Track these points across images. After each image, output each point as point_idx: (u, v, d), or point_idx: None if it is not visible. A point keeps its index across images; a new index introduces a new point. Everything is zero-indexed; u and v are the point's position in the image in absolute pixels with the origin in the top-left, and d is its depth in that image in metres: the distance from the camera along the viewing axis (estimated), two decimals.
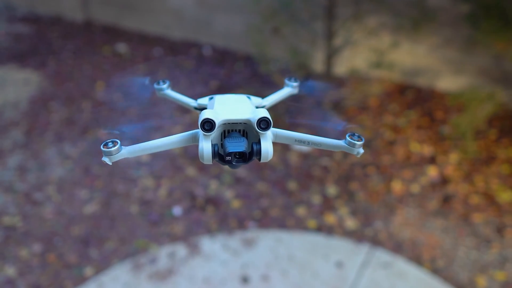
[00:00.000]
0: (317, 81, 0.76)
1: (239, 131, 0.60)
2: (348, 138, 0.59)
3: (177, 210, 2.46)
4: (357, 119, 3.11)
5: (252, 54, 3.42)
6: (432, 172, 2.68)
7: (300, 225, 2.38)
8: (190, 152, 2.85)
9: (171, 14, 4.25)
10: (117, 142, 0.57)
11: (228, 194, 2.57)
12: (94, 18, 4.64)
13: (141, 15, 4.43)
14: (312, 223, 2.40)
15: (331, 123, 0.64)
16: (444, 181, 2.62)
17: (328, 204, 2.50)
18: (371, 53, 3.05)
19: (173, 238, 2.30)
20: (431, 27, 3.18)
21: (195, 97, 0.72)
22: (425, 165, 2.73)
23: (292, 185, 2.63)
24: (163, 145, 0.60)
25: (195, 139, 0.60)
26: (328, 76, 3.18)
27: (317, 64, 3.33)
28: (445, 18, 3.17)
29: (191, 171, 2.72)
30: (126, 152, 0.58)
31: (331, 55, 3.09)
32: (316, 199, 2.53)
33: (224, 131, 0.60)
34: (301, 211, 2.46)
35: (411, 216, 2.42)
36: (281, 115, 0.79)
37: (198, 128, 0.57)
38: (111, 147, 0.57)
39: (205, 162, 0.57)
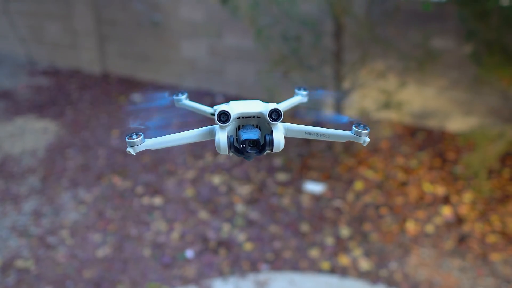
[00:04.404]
0: (326, 91, 0.83)
1: (253, 125, 0.64)
2: (354, 128, 0.63)
3: (189, 253, 2.45)
4: (368, 161, 3.11)
5: (264, 100, 3.50)
6: (446, 212, 2.64)
7: (313, 267, 2.35)
8: (202, 196, 2.86)
9: (184, 64, 4.41)
10: (141, 134, 0.63)
11: (241, 236, 2.56)
12: (111, 70, 4.83)
13: (155, 66, 4.60)
14: (325, 264, 2.36)
15: (335, 117, 0.69)
16: (459, 220, 2.58)
17: (341, 246, 2.47)
18: (380, 95, 3.11)
19: (185, 281, 2.28)
20: (437, 69, 3.24)
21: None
22: (439, 205, 2.70)
23: (304, 227, 2.61)
24: (183, 138, 0.65)
25: (212, 134, 0.65)
26: None
27: (327, 107, 3.39)
28: (451, 60, 3.24)
29: (203, 214, 2.73)
30: (149, 143, 0.63)
31: (340, 98, 3.15)
32: (329, 241, 2.50)
33: (239, 126, 0.65)
34: (314, 252, 2.43)
35: (427, 257, 2.37)
36: (291, 115, 0.83)
37: (215, 124, 0.62)
38: (135, 138, 0.62)
39: (221, 153, 0.62)
